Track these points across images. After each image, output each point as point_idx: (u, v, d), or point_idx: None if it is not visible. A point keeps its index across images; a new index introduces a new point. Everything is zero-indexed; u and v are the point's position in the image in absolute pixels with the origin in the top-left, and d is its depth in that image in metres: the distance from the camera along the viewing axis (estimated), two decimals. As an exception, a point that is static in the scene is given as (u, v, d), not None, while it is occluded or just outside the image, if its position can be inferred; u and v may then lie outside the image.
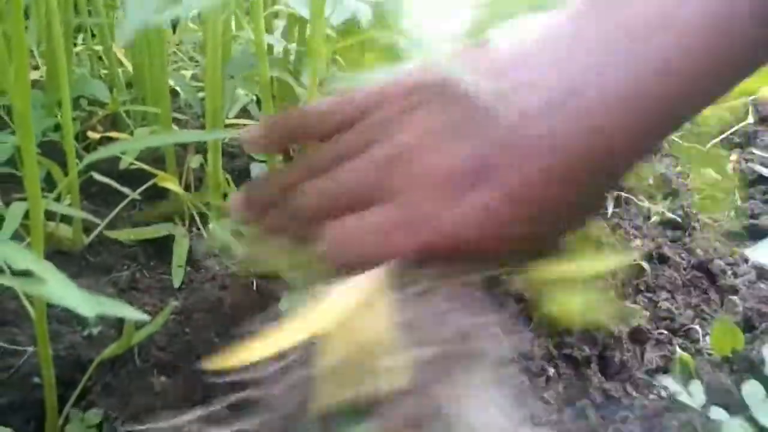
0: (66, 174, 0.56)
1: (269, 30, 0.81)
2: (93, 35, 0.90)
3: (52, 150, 0.63)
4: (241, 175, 0.76)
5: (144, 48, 0.77)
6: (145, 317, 0.39)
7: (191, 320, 0.56)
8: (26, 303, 0.44)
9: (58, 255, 0.59)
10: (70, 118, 0.54)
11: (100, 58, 0.91)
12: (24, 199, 0.63)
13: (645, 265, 0.76)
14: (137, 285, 0.59)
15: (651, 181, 0.95)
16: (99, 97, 0.69)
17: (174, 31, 1.06)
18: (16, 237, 0.52)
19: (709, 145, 1.08)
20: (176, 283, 0.60)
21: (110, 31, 0.83)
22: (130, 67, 0.93)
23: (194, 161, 0.67)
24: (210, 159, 0.63)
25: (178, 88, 0.77)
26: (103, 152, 0.39)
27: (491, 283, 0.36)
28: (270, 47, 0.80)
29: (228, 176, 0.67)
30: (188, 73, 0.98)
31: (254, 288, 0.61)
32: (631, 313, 0.67)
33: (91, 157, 0.39)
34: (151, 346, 0.54)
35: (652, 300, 0.76)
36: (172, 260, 0.62)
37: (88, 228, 0.61)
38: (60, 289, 0.31)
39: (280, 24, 0.83)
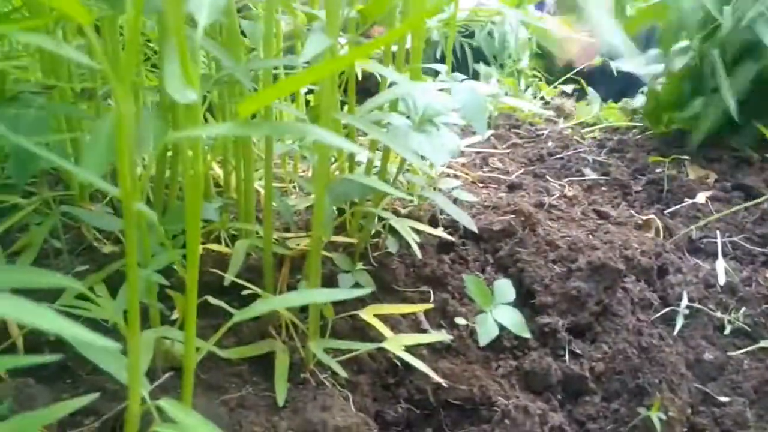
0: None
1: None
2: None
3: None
4: (326, 284, 0.80)
5: (239, 161, 0.83)
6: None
7: (298, 443, 0.59)
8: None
9: (174, 371, 0.63)
10: (198, 252, 0.58)
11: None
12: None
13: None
14: (245, 403, 0.63)
15: (719, 288, 0.96)
16: (209, 218, 0.74)
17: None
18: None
19: (772, 247, 1.10)
20: (280, 402, 0.63)
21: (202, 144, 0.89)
22: (219, 172, 1.00)
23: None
24: (311, 280, 0.67)
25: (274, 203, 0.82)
26: (255, 310, 0.43)
27: None
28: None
29: (321, 291, 0.72)
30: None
31: (352, 409, 0.64)
32: None
33: (244, 315, 0.43)
34: (262, 468, 0.57)
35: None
36: (273, 375, 0.66)
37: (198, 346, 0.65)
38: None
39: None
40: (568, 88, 2.20)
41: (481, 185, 1.23)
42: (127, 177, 0.34)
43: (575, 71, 2.02)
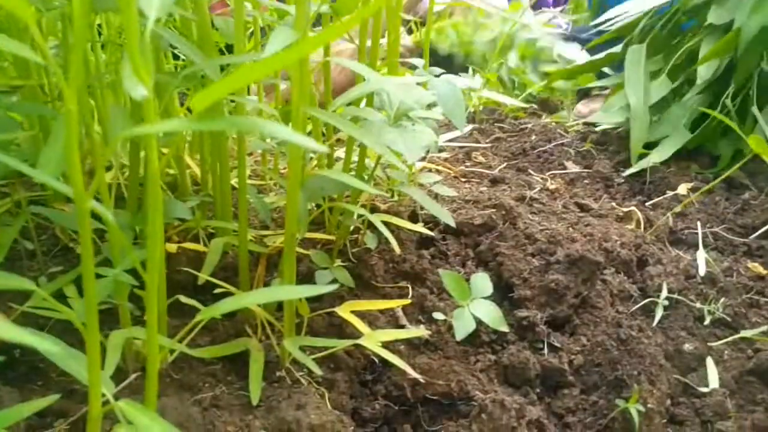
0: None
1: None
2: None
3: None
4: (303, 281, 0.80)
5: (215, 159, 0.82)
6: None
7: (272, 441, 0.59)
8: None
9: (144, 372, 0.62)
10: (163, 250, 0.58)
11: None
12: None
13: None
14: (218, 402, 0.62)
15: (699, 279, 0.96)
16: (182, 216, 0.73)
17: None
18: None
19: (751, 238, 1.10)
20: (254, 401, 0.63)
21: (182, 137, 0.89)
22: (197, 170, 0.99)
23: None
24: (285, 277, 0.66)
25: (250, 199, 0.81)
26: (223, 307, 0.43)
27: None
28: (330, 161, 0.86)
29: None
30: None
31: (328, 407, 0.64)
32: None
33: (211, 312, 0.43)
34: (235, 468, 0.57)
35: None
36: (248, 374, 0.65)
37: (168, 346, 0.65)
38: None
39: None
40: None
41: (463, 180, 1.23)
42: (78, 175, 0.33)
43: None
